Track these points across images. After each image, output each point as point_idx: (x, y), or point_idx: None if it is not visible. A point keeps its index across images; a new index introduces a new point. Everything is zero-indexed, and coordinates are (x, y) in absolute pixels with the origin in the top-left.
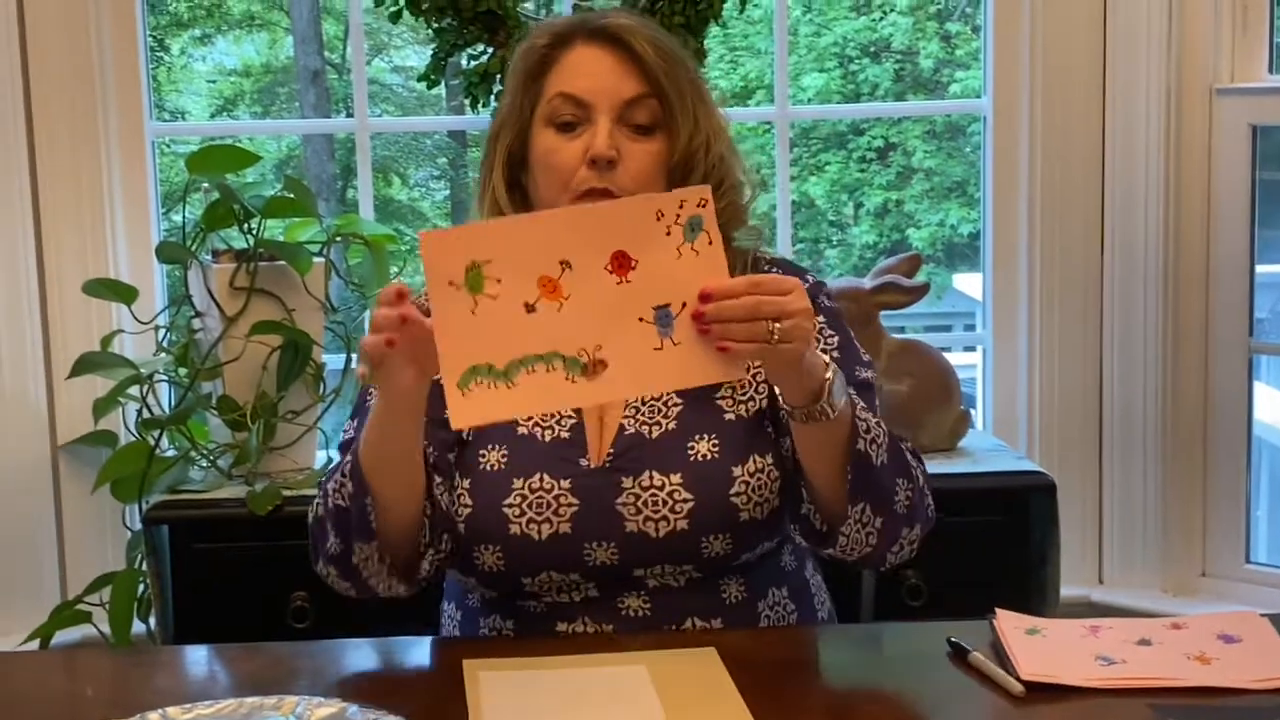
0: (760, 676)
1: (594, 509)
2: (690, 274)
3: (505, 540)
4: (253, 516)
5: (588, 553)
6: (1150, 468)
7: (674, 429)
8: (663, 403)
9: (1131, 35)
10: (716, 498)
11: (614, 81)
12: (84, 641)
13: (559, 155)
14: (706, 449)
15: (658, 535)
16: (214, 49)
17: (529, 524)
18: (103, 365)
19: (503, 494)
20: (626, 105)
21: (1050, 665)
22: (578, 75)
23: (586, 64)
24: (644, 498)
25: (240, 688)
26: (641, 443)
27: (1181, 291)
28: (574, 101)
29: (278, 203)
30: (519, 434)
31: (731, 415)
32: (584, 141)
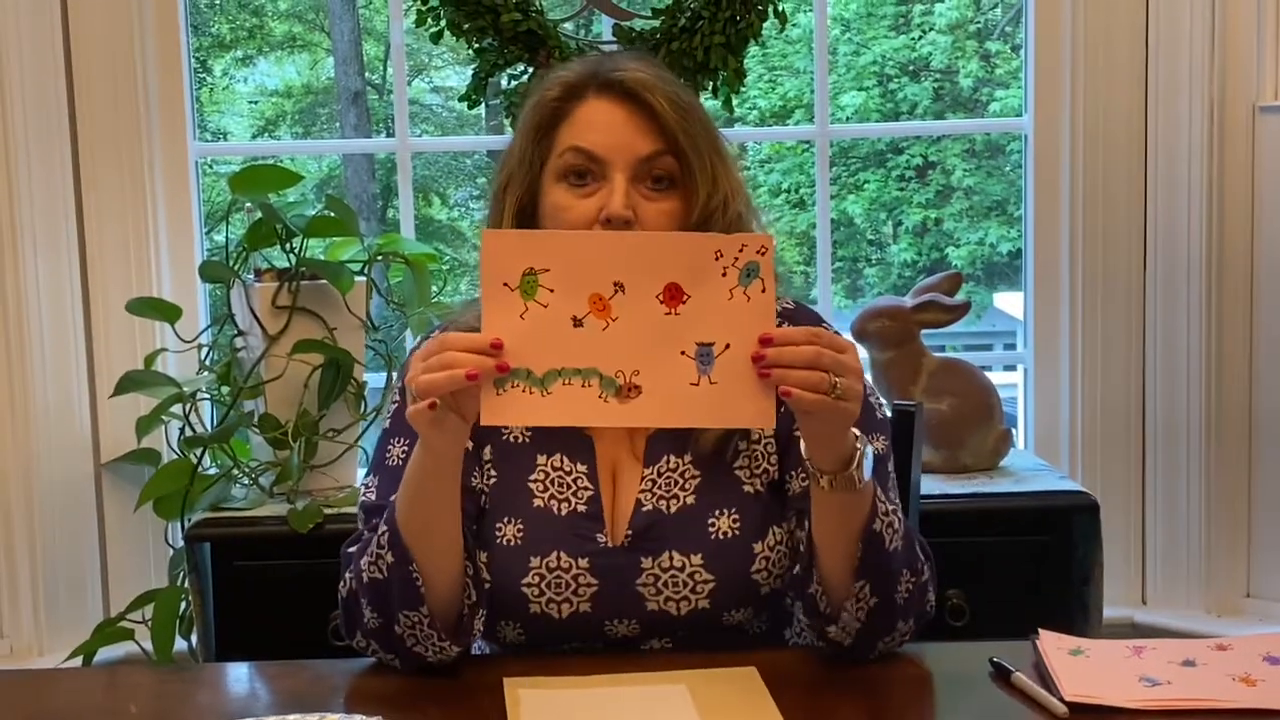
0: (801, 696)
1: (614, 589)
2: (739, 318)
3: (525, 619)
4: (294, 534)
5: (609, 628)
6: (1194, 487)
7: (692, 504)
8: (679, 475)
9: (1174, 52)
10: (738, 576)
11: (629, 137)
12: (126, 659)
13: (572, 213)
14: (727, 526)
15: (679, 614)
16: (256, 70)
17: (549, 604)
18: (146, 384)
19: (520, 572)
20: (642, 163)
21: (1094, 686)
22: (591, 129)
23: (601, 118)
24: (664, 579)
25: (281, 705)
26: (660, 519)
27: (1224, 309)
28: (587, 156)
29: (320, 222)
30: (534, 506)
31: (749, 488)
32: (599, 200)
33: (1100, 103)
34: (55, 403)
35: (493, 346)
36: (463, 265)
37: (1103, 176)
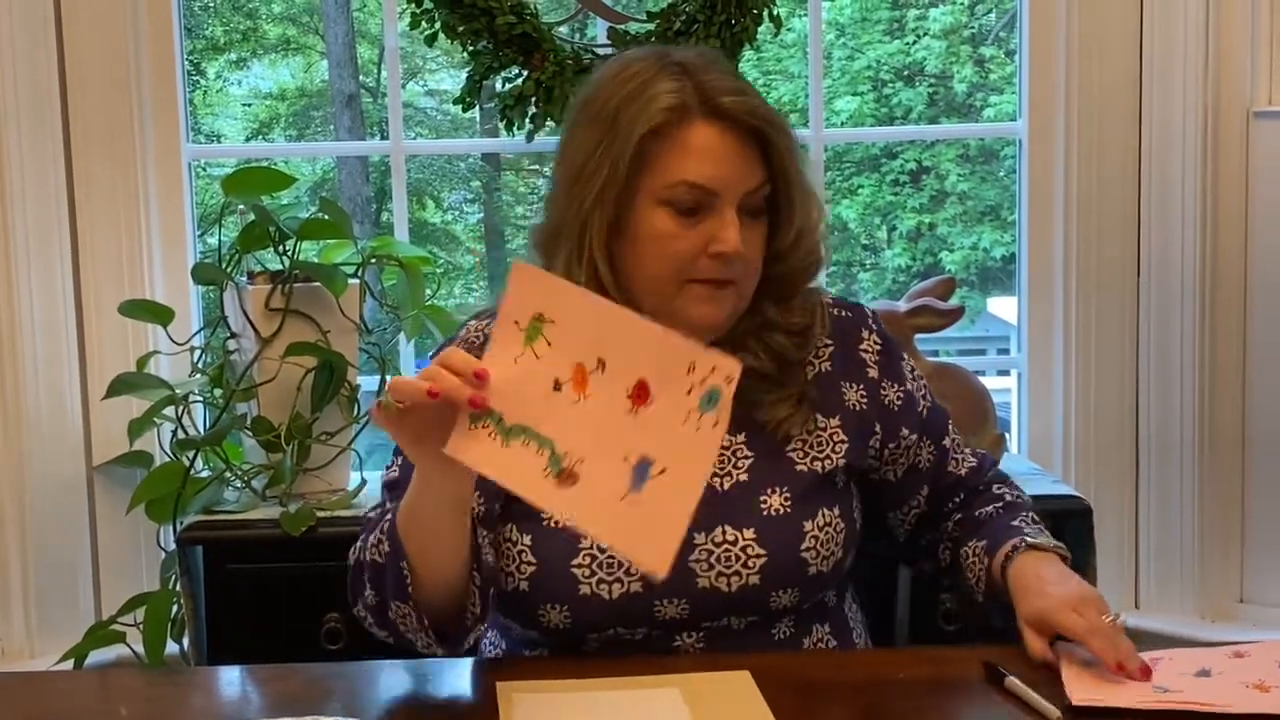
0: (795, 700)
1: None
2: (685, 446)
3: (574, 600)
4: (287, 538)
5: (658, 609)
6: (1187, 492)
7: (745, 480)
8: (732, 453)
9: (1168, 57)
10: (788, 553)
11: (740, 169)
12: (118, 662)
13: (681, 243)
14: (778, 503)
15: (729, 590)
16: (249, 73)
17: (599, 584)
18: (138, 386)
19: (570, 553)
20: (748, 194)
21: (1103, 691)
22: (706, 163)
23: (714, 150)
24: (717, 554)
25: (273, 709)
26: (713, 496)
27: (1218, 315)
28: (701, 190)
29: (313, 225)
30: None
31: (803, 467)
32: (707, 231)
33: (1094, 108)
34: (47, 405)
35: (477, 375)
36: (456, 269)
37: (1097, 181)
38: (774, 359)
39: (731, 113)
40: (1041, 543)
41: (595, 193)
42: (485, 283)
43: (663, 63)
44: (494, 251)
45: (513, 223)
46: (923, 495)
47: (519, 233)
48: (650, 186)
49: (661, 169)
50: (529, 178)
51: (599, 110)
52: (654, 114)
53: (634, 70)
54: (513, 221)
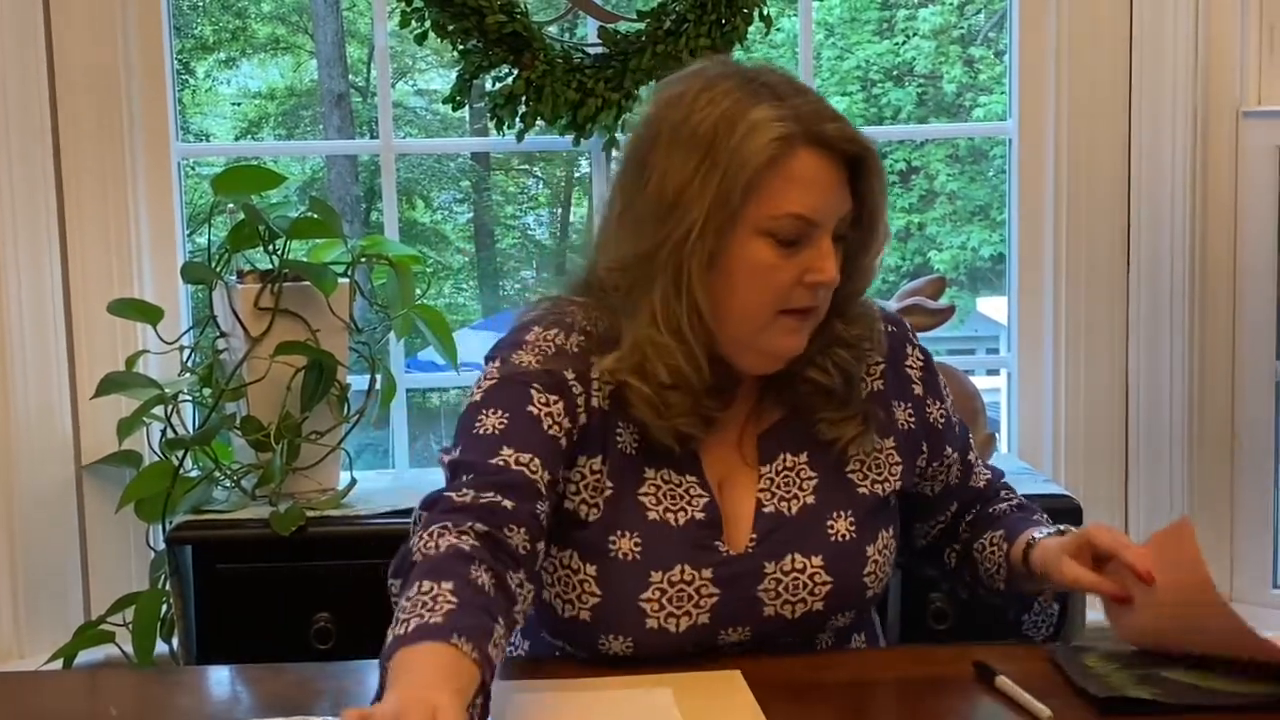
0: (785, 700)
1: (734, 597)
2: None
3: (639, 633)
4: (276, 537)
5: (722, 638)
6: (1176, 491)
7: (812, 504)
8: (796, 474)
9: (1157, 57)
10: (852, 579)
11: (839, 198)
12: (107, 661)
13: (779, 274)
14: (844, 528)
15: (793, 617)
16: (239, 72)
17: (667, 618)
18: (127, 385)
19: (639, 587)
20: (840, 221)
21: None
22: (811, 193)
23: (819, 180)
24: (785, 582)
25: (263, 708)
26: (782, 522)
27: (1208, 314)
28: (804, 221)
29: (303, 224)
30: (650, 520)
31: (864, 490)
32: (804, 260)
33: (1084, 108)
34: (36, 404)
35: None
36: (446, 268)
37: (1086, 181)
38: (841, 375)
39: (834, 141)
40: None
41: (699, 223)
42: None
43: (750, 84)
44: (484, 251)
45: (502, 222)
46: (951, 510)
47: (509, 232)
48: (753, 217)
49: (767, 200)
50: (519, 177)
51: (690, 134)
52: (766, 146)
53: (722, 90)
54: (503, 221)
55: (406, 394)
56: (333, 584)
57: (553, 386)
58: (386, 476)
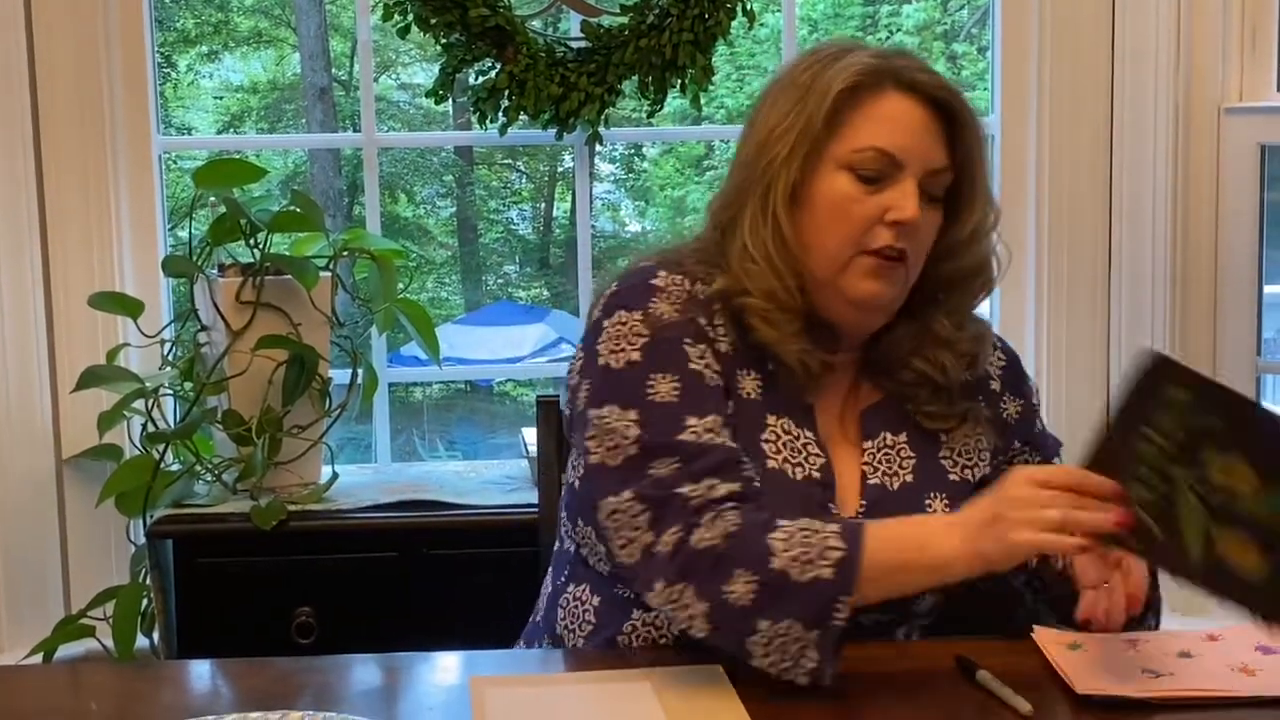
0: (766, 693)
1: None
2: None
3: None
4: (257, 531)
5: None
6: None
7: (911, 482)
8: (897, 453)
9: (1140, 54)
10: None
11: (928, 145)
12: (87, 656)
13: (860, 207)
14: (940, 508)
15: None
16: (221, 65)
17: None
18: (108, 379)
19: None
20: (930, 174)
21: (1102, 680)
22: (896, 130)
23: (904, 118)
24: None
25: (244, 703)
26: (886, 495)
27: (1189, 311)
28: (889, 159)
29: (285, 217)
30: (769, 467)
31: (954, 476)
32: (887, 199)
33: (1066, 104)
34: (16, 397)
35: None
36: (429, 262)
37: (1069, 177)
38: (941, 373)
39: (925, 87)
40: None
41: (786, 151)
42: (457, 277)
43: (857, 45)
44: (466, 246)
45: (485, 216)
46: None
47: (491, 226)
48: (836, 152)
49: (851, 134)
50: (502, 171)
51: (791, 81)
52: (850, 74)
53: (828, 49)
54: (485, 215)
55: (388, 388)
56: (314, 578)
57: (698, 335)
58: (368, 471)
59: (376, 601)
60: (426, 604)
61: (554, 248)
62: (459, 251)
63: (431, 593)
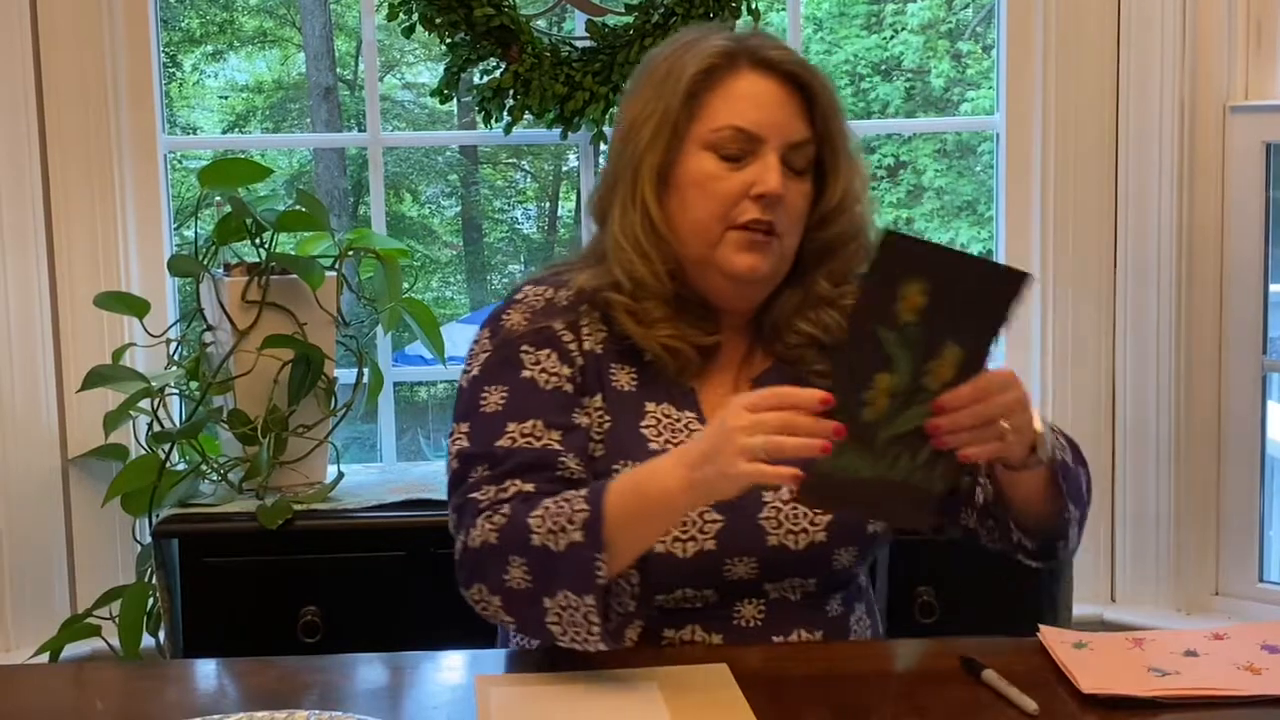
0: (772, 693)
1: (737, 525)
2: None
3: (648, 558)
4: (263, 530)
5: (728, 568)
6: (1163, 486)
7: None
8: None
9: (1145, 53)
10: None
11: (786, 119)
12: (93, 655)
13: (724, 184)
14: None
15: (797, 547)
16: (226, 65)
17: (674, 542)
18: (114, 378)
19: None
20: (791, 147)
21: (1108, 679)
22: (751, 107)
23: (760, 96)
24: (785, 510)
25: (250, 702)
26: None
27: (1195, 310)
28: (745, 135)
29: (290, 216)
30: (652, 450)
31: None
32: (750, 175)
33: (1071, 102)
34: (22, 397)
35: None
36: (434, 262)
37: (1074, 175)
38: (828, 333)
39: (779, 64)
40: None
41: (649, 137)
42: (462, 276)
43: (716, 29)
44: (471, 245)
45: (490, 216)
46: None
47: (496, 226)
48: (697, 133)
49: (709, 115)
50: (507, 171)
51: (651, 71)
52: (704, 57)
53: (685, 36)
54: (490, 215)
55: (394, 387)
56: (320, 577)
57: (541, 341)
58: (374, 470)
59: (382, 601)
60: (431, 603)
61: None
62: (464, 250)
63: (436, 592)
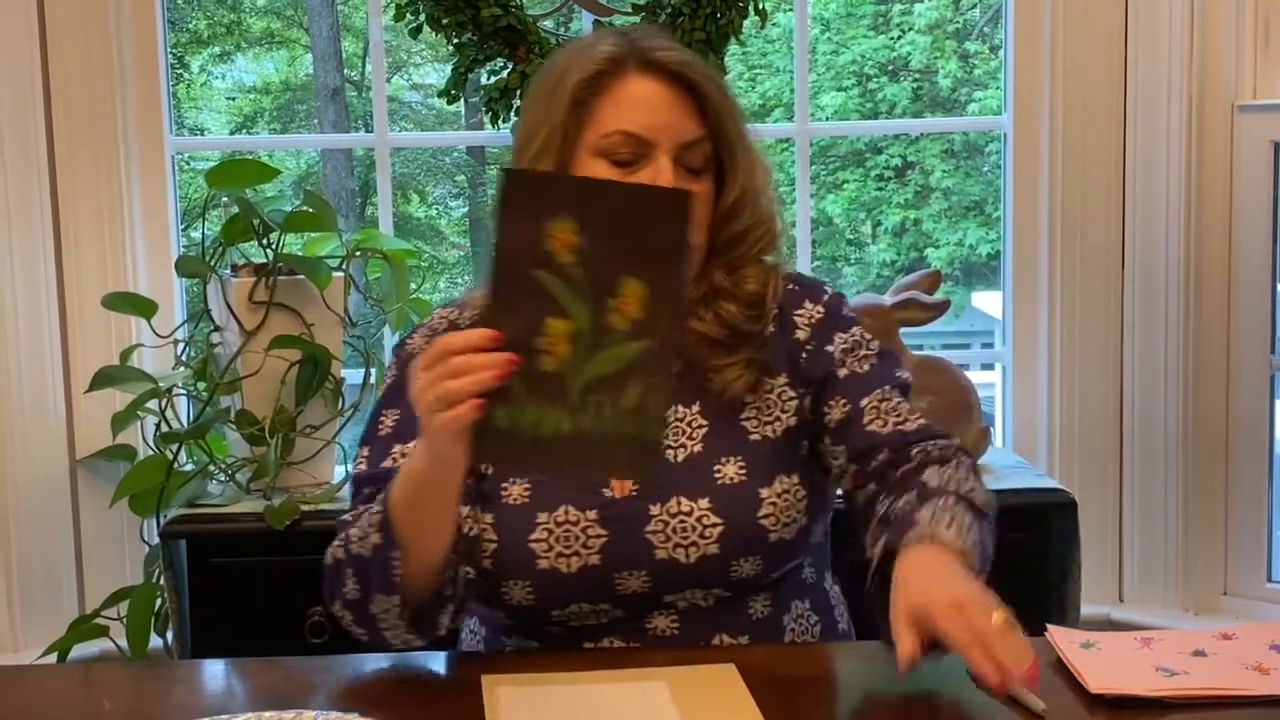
0: (780, 693)
1: (622, 539)
2: None
3: (534, 575)
4: (270, 531)
5: (619, 582)
6: (1171, 486)
7: (699, 451)
8: (687, 424)
9: (1153, 52)
10: (745, 521)
11: (676, 120)
12: (101, 656)
13: None
14: (733, 471)
15: (688, 561)
16: (233, 66)
17: (557, 558)
18: (122, 379)
19: (528, 529)
20: (684, 147)
21: (1116, 678)
22: (639, 111)
23: (647, 99)
24: (672, 524)
25: (257, 702)
26: (666, 468)
27: (1203, 309)
28: (635, 140)
29: (297, 217)
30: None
31: (757, 436)
32: (643, 179)
33: (1079, 102)
34: (30, 398)
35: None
36: (441, 262)
37: (1082, 175)
38: (725, 327)
39: (665, 65)
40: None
41: (539, 147)
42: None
43: (608, 32)
44: (478, 246)
45: None
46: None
47: None
48: (589, 140)
49: (598, 122)
50: None
51: (542, 82)
52: (590, 64)
53: (575, 44)
54: None
55: None
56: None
57: None
58: None
59: None
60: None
61: None
62: (471, 251)
63: None
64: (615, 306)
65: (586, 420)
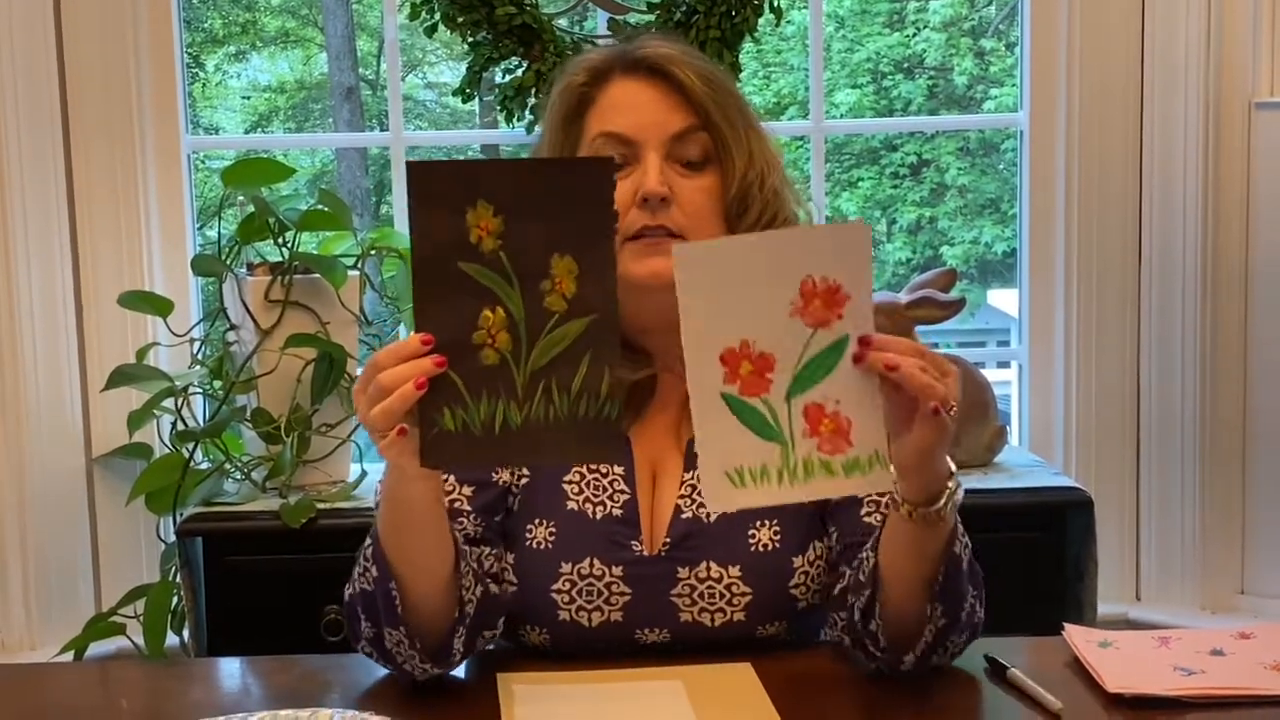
0: (796, 692)
1: (647, 599)
2: None
3: (554, 626)
4: (286, 529)
5: (639, 636)
6: (1188, 484)
7: (734, 514)
8: None
9: (1170, 49)
10: (776, 590)
11: (659, 115)
12: (118, 654)
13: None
14: (767, 537)
15: (713, 625)
16: (249, 65)
17: (578, 611)
18: (138, 378)
19: (550, 578)
20: (674, 140)
21: (1134, 678)
22: (619, 112)
23: (628, 99)
24: (700, 589)
25: (274, 700)
26: (699, 528)
27: (1220, 306)
28: (619, 140)
29: (313, 216)
30: (568, 509)
31: None
32: (633, 181)
33: (1096, 99)
34: (46, 396)
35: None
36: None
37: (1098, 172)
38: None
39: (644, 61)
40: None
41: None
42: None
43: (609, 46)
44: None
45: None
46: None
47: None
48: (581, 152)
49: (586, 132)
50: None
51: (549, 105)
52: (577, 74)
53: (575, 62)
54: None
55: None
56: (343, 576)
57: None
58: None
59: None
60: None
61: None
62: None
63: None
64: (550, 288)
65: (538, 408)
